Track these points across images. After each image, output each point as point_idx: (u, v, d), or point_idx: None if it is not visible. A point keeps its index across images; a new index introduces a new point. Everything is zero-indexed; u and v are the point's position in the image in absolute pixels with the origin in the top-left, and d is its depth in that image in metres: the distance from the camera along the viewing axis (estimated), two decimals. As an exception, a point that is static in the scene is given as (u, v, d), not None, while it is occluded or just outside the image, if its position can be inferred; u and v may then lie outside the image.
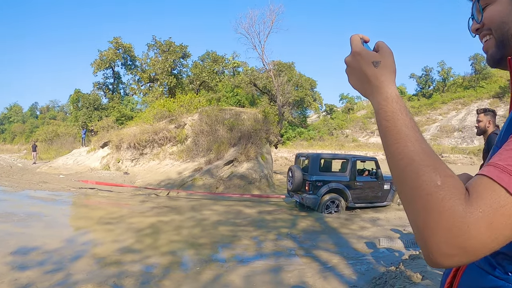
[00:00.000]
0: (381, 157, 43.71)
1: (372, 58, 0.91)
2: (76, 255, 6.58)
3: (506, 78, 62.54)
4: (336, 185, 11.48)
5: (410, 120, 0.82)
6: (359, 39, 0.95)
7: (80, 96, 45.51)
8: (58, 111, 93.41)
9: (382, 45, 0.94)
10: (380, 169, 12.27)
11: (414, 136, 0.79)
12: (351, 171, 11.74)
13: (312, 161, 11.57)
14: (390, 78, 0.89)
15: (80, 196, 13.81)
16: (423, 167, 0.72)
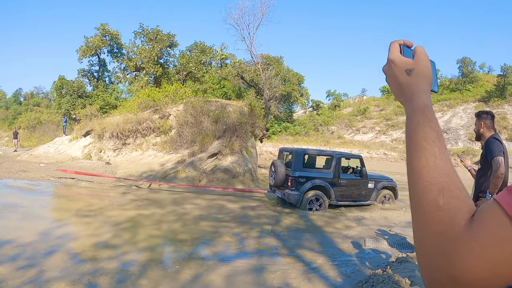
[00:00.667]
0: (365, 155, 44.09)
1: (405, 66, 0.89)
2: (51, 250, 6.26)
3: (492, 83, 63.50)
4: (319, 182, 11.27)
5: (432, 133, 0.76)
6: (397, 46, 0.92)
7: (64, 83, 44.68)
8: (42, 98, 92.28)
9: (418, 51, 0.90)
10: (364, 167, 12.15)
11: (431, 151, 0.74)
12: (335, 168, 11.57)
13: (295, 156, 11.33)
14: (422, 87, 0.86)
15: (60, 186, 13.44)
16: (429, 185, 0.69)
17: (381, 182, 12.63)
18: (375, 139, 62.04)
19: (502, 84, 60.17)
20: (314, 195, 11.18)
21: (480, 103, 61.59)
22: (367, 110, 73.65)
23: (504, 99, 59.61)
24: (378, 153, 45.68)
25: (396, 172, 28.85)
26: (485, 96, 62.70)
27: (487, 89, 64.15)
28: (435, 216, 0.65)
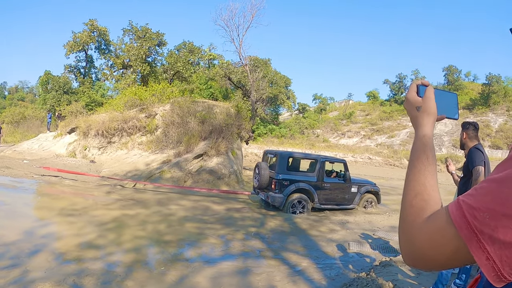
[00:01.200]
0: (350, 159, 44.43)
1: (416, 103, 1.19)
2: (35, 250, 6.18)
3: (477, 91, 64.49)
4: (303, 185, 11.32)
5: (424, 156, 1.05)
6: (415, 87, 1.23)
7: (50, 78, 44.00)
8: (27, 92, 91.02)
9: (427, 92, 1.20)
10: (348, 172, 12.22)
11: (419, 168, 1.02)
12: (319, 171, 11.63)
13: (280, 159, 11.36)
14: (426, 121, 1.15)
15: (43, 184, 13.25)
16: (410, 190, 0.98)
17: (364, 186, 12.72)
18: (360, 143, 62.51)
19: (487, 92, 61.18)
20: (297, 198, 11.22)
21: (465, 110, 62.52)
22: (352, 114, 74.22)
23: (488, 107, 60.58)
24: (363, 157, 46.04)
25: (380, 176, 29.10)
26: (469, 104, 63.69)
27: (472, 97, 65.21)
28: (408, 211, 0.94)
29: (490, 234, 0.72)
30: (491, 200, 0.75)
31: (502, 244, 0.71)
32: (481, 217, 0.74)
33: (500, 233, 0.71)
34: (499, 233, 0.71)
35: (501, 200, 0.73)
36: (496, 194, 0.75)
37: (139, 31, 39.53)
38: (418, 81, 1.25)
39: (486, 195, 0.77)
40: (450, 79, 69.07)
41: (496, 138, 52.48)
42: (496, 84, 60.32)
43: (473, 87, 69.59)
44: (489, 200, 0.75)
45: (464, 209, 0.78)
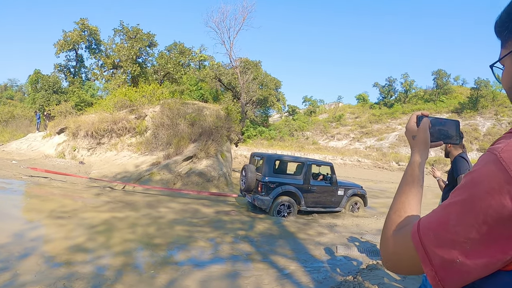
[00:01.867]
0: (339, 162, 44.60)
1: (413, 133, 1.37)
2: (25, 253, 6.19)
3: (465, 95, 65.14)
4: (289, 187, 11.36)
5: (411, 179, 1.21)
6: (415, 118, 1.39)
7: (39, 77, 43.57)
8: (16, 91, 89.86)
9: (422, 122, 1.36)
10: (335, 175, 12.27)
11: (404, 189, 1.19)
12: (305, 174, 11.69)
13: (267, 161, 11.37)
14: (419, 148, 1.30)
15: (32, 185, 13.19)
16: (392, 207, 1.16)
17: (351, 189, 12.82)
18: (349, 146, 62.76)
19: (475, 96, 61.75)
20: (284, 201, 11.27)
21: (453, 114, 63.00)
22: (342, 117, 74.46)
23: (477, 111, 61.11)
24: (352, 160, 46.24)
25: (368, 179, 29.24)
26: (458, 108, 64.22)
27: (461, 100, 65.80)
28: (387, 223, 1.12)
29: (433, 250, 0.89)
30: (436, 223, 0.92)
31: (440, 259, 0.88)
32: (428, 235, 0.91)
33: (439, 250, 0.88)
34: (439, 250, 0.88)
35: (443, 224, 0.90)
36: (440, 218, 0.92)
37: (130, 31, 39.34)
38: (418, 112, 1.41)
39: (434, 218, 0.93)
40: (439, 83, 69.59)
41: (484, 141, 52.89)
42: (484, 88, 60.91)
43: (462, 91, 70.22)
44: (435, 222, 0.92)
45: (420, 227, 0.95)
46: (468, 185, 0.89)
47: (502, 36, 1.01)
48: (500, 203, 0.80)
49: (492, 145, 0.93)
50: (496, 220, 0.81)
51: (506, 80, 1.02)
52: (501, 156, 0.85)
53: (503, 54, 1.01)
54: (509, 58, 0.98)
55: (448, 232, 0.87)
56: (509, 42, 0.99)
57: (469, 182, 0.89)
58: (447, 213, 0.90)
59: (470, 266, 0.84)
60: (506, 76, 1.02)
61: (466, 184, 0.90)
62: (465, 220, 0.85)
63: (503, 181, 0.81)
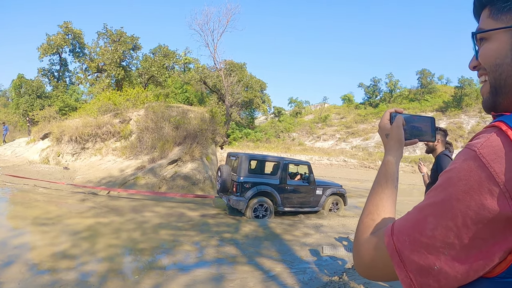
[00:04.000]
0: (325, 162, 44.76)
1: (386, 131, 1.31)
2: (8, 261, 6.11)
3: (449, 94, 65.85)
4: (265, 187, 11.19)
5: (384, 179, 1.15)
6: (388, 114, 1.33)
7: (23, 82, 43.04)
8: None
9: (396, 120, 1.30)
10: (312, 174, 12.14)
11: (377, 190, 1.13)
12: (282, 174, 11.51)
13: (241, 161, 11.17)
14: (392, 147, 1.25)
15: (16, 192, 13.00)
16: (365, 209, 1.10)
17: (330, 188, 12.63)
18: (335, 146, 63.04)
19: (459, 95, 62.53)
20: (259, 201, 11.11)
21: (438, 112, 63.73)
22: (328, 117, 74.81)
23: (461, 109, 61.87)
24: (338, 160, 46.41)
25: (355, 179, 29.43)
26: (442, 106, 64.98)
27: (445, 99, 66.56)
28: (359, 227, 1.06)
29: (408, 256, 0.83)
30: (411, 227, 0.85)
31: (417, 265, 0.81)
32: (403, 240, 0.85)
33: (415, 256, 0.82)
34: (415, 256, 0.82)
35: (418, 227, 0.83)
36: (415, 221, 0.85)
37: (113, 34, 39.14)
38: (391, 109, 1.35)
39: (409, 221, 0.87)
40: (423, 83, 70.40)
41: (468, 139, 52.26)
42: (468, 87, 61.72)
43: (446, 90, 71.05)
44: (410, 226, 0.85)
45: (393, 231, 0.88)
46: (444, 185, 0.82)
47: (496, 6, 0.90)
48: (480, 203, 0.75)
49: (470, 141, 0.85)
50: (476, 222, 0.75)
51: (492, 56, 0.91)
52: (480, 152, 0.78)
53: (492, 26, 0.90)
54: (504, 34, 0.88)
55: (424, 236, 0.81)
56: (507, 16, 0.87)
57: (445, 181, 0.82)
58: (423, 216, 0.83)
59: (449, 273, 0.78)
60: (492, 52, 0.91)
61: (443, 184, 0.83)
62: (442, 223, 0.79)
63: (483, 179, 0.75)
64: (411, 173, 39.73)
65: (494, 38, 0.91)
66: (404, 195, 20.00)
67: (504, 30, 0.88)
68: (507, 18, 0.87)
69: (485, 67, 0.94)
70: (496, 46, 0.90)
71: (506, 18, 0.88)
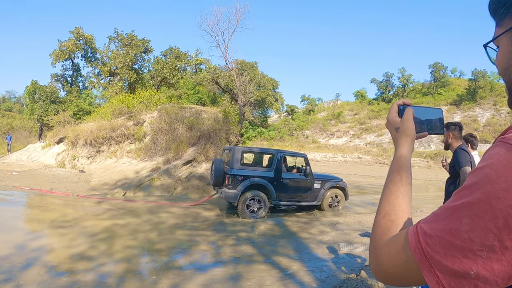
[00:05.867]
0: (340, 159, 44.56)
1: (395, 124, 1.23)
2: (27, 263, 6.18)
3: (463, 87, 65.02)
4: (258, 180, 10.93)
5: (397, 176, 1.08)
6: (396, 108, 1.27)
7: (37, 88, 43.77)
8: (14, 103, 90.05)
9: (405, 113, 1.22)
10: (309, 166, 11.78)
11: (391, 188, 1.06)
12: (276, 166, 11.25)
13: (234, 153, 10.95)
14: (404, 141, 1.18)
15: (33, 196, 13.18)
16: (380, 210, 1.03)
17: (329, 182, 12.25)
18: (349, 143, 62.70)
19: (473, 88, 61.62)
20: (253, 195, 10.80)
21: (452, 106, 62.94)
22: (341, 114, 74.43)
23: (475, 103, 61.00)
24: (352, 157, 46.19)
25: (369, 175, 29.26)
26: (456, 100, 64.11)
27: (459, 93, 65.61)
28: (376, 229, 0.99)
29: (440, 260, 0.76)
30: (442, 229, 0.78)
31: (450, 271, 0.75)
32: (433, 244, 0.78)
33: (449, 261, 0.75)
34: (448, 261, 0.75)
35: (450, 230, 0.76)
36: (446, 224, 0.77)
37: (124, 38, 39.46)
38: (399, 101, 1.27)
39: (439, 224, 0.79)
40: (436, 76, 69.50)
41: (484, 132, 52.72)
42: (482, 79, 60.80)
43: (459, 83, 70.06)
44: (440, 229, 0.78)
45: (419, 234, 0.81)
46: (481, 182, 0.75)
47: (498, 14, 0.92)
48: None
49: (502, 135, 0.81)
50: None
51: (501, 60, 0.93)
52: None
53: (499, 33, 0.92)
54: (506, 37, 0.90)
55: (458, 239, 0.74)
56: (505, 20, 0.90)
57: (482, 178, 0.76)
58: (457, 217, 0.76)
59: (487, 278, 0.72)
60: (501, 57, 0.93)
61: (478, 182, 0.76)
62: (480, 224, 0.72)
63: None
64: (427, 169, 39.42)
65: (501, 44, 0.94)
66: (420, 191, 19.83)
67: (505, 35, 0.90)
68: (506, 22, 0.90)
69: (500, 73, 0.96)
70: (503, 51, 0.93)
71: (505, 23, 0.91)
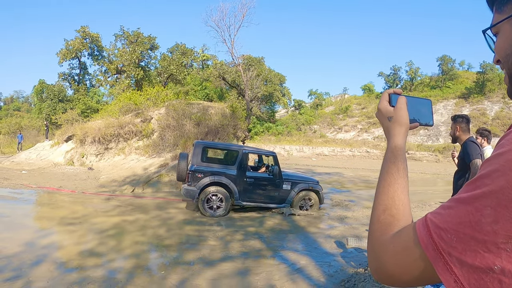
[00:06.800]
0: (348, 153, 44.46)
1: (388, 113, 1.16)
2: (37, 260, 6.24)
3: (471, 80, 64.43)
4: (219, 178, 10.37)
5: (394, 167, 1.02)
6: (386, 96, 1.19)
7: (44, 87, 44.21)
8: (22, 102, 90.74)
9: (399, 101, 1.16)
10: (278, 166, 11.09)
11: (388, 180, 0.99)
12: (240, 164, 10.67)
13: (194, 149, 10.54)
14: (398, 131, 1.12)
15: (42, 194, 13.29)
16: (378, 205, 0.95)
17: (301, 183, 11.33)
18: (357, 137, 62.45)
19: (482, 80, 61.01)
20: (213, 192, 10.24)
21: (460, 99, 62.42)
22: (348, 108, 74.09)
23: (484, 96, 60.41)
24: (361, 151, 46.02)
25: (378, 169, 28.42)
26: (464, 93, 63.53)
27: (467, 86, 64.97)
28: (376, 226, 0.91)
29: (458, 257, 0.70)
30: (459, 222, 0.71)
31: (470, 268, 0.68)
32: (449, 239, 0.71)
33: (468, 256, 0.68)
34: (468, 256, 0.68)
35: (470, 223, 0.69)
36: (464, 216, 0.71)
37: (130, 35, 39.61)
38: (390, 90, 1.20)
39: (454, 217, 0.72)
40: (444, 69, 68.87)
41: (492, 125, 52.18)
42: (490, 72, 60.10)
43: (467, 76, 69.33)
44: (457, 222, 0.71)
45: (431, 228, 0.75)
46: (503, 169, 0.69)
47: (497, 1, 0.90)
48: None
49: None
50: None
51: (502, 47, 0.89)
52: None
53: (498, 20, 0.88)
54: (507, 24, 0.86)
55: (480, 232, 0.67)
56: (508, 6, 0.86)
57: (504, 165, 0.70)
58: (476, 208, 0.69)
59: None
60: (502, 43, 0.89)
61: (500, 168, 0.70)
62: (505, 214, 0.66)
63: None
64: (435, 162, 39.22)
65: (501, 30, 0.90)
66: (428, 185, 19.72)
67: (507, 21, 0.87)
68: (508, 8, 0.87)
69: (500, 60, 0.92)
70: (504, 37, 0.89)
71: (507, 9, 0.87)
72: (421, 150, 44.37)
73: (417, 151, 43.89)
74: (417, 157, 41.84)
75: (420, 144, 48.36)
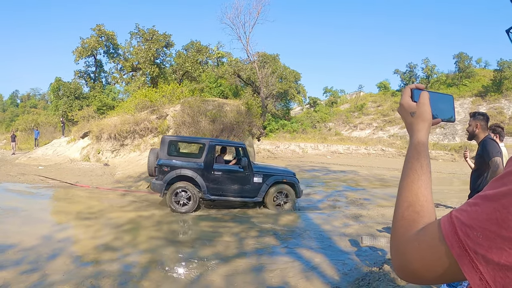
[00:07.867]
0: (363, 151, 44.23)
1: (410, 109, 1.15)
2: (53, 254, 6.34)
3: (488, 78, 63.47)
4: (186, 172, 10.16)
5: (417, 164, 1.00)
6: (408, 91, 1.17)
7: (61, 85, 44.74)
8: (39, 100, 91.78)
9: (421, 96, 1.14)
10: (246, 158, 10.68)
11: (411, 177, 0.97)
12: (207, 157, 10.37)
13: (161, 143, 10.40)
14: (421, 127, 1.11)
15: (59, 189, 13.47)
16: (402, 202, 0.94)
17: (273, 176, 10.97)
18: (372, 135, 62.10)
19: (499, 78, 60.15)
20: (180, 187, 10.02)
21: (477, 97, 61.67)
22: (364, 106, 73.67)
23: (501, 94, 59.56)
24: (376, 149, 45.75)
25: (393, 168, 28.89)
26: (481, 91, 62.71)
27: (484, 84, 64.10)
28: (400, 223, 0.90)
29: (484, 254, 0.68)
30: (485, 220, 0.70)
31: (496, 265, 0.67)
32: (475, 236, 0.70)
33: (494, 254, 0.67)
34: (493, 254, 0.67)
35: (497, 220, 0.68)
36: (491, 213, 0.70)
37: (146, 33, 39.79)
38: (412, 85, 1.19)
39: (480, 214, 0.71)
40: (461, 67, 67.97)
41: (510, 125, 51.38)
42: (508, 70, 59.18)
43: (484, 74, 68.33)
44: (483, 219, 0.70)
45: (456, 226, 0.74)
46: None
47: None
48: None
49: None
50: None
51: None
52: None
53: None
54: None
55: (506, 229, 0.66)
56: None
57: None
58: (503, 205, 0.68)
59: None
60: None
61: None
62: None
63: None
64: (451, 162, 38.78)
65: None
66: (444, 184, 19.49)
67: None
68: None
69: None
70: None
71: None
72: (437, 149, 43.84)
73: (433, 150, 43.37)
74: (433, 156, 41.39)
75: (436, 143, 47.76)
